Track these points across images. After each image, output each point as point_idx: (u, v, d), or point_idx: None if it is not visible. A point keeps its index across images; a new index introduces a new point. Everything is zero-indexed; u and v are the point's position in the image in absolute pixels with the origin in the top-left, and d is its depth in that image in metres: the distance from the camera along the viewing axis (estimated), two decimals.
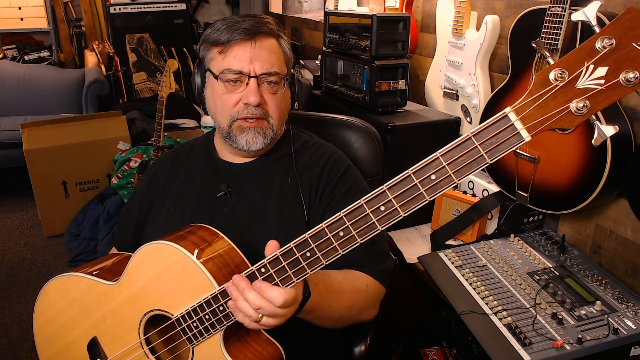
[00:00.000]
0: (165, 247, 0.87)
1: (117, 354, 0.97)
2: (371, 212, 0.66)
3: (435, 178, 0.62)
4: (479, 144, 0.58)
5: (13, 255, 2.95)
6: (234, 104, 1.04)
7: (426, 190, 0.62)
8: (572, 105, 0.53)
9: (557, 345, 1.13)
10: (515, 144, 0.57)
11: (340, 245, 0.70)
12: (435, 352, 1.62)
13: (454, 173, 0.60)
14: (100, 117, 3.29)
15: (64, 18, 4.59)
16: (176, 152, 1.25)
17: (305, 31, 3.82)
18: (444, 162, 0.61)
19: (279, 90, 1.06)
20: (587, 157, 1.34)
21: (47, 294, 1.04)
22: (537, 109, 0.54)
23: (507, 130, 0.57)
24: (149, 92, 4.13)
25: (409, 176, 0.63)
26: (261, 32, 1.04)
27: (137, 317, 0.93)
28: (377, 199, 0.66)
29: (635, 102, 1.36)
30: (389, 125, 1.73)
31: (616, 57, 0.50)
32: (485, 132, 0.58)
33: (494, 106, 1.59)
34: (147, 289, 0.91)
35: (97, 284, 0.97)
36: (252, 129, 1.05)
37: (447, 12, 1.90)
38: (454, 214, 1.73)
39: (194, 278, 0.84)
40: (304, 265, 0.74)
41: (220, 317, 0.83)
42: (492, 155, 0.58)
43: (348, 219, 0.69)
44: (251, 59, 1.02)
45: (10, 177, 3.74)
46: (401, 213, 0.64)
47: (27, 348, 2.20)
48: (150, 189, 1.20)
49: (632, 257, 1.39)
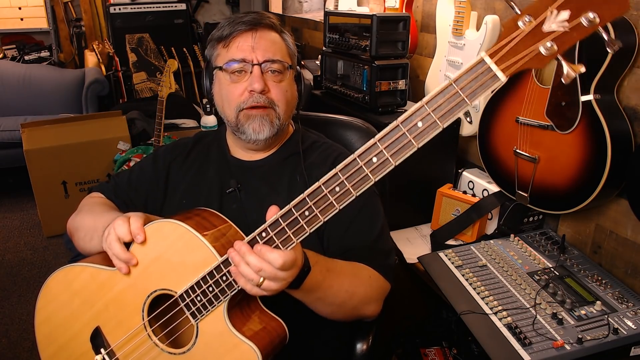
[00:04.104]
0: (168, 224, 0.88)
1: (120, 340, 0.97)
2: (364, 164, 0.70)
3: (421, 125, 0.66)
4: (460, 88, 0.63)
5: (13, 255, 2.95)
6: (240, 93, 1.06)
7: (414, 137, 0.66)
8: (540, 47, 0.59)
9: (557, 345, 1.13)
10: (493, 85, 0.62)
11: (337, 200, 0.73)
12: (435, 352, 1.62)
13: (439, 118, 0.65)
14: (100, 117, 3.29)
15: (64, 18, 4.59)
16: (187, 145, 1.23)
17: (305, 31, 3.83)
18: (429, 109, 0.65)
19: (284, 79, 1.08)
20: (587, 157, 1.34)
21: (50, 288, 1.03)
22: (510, 52, 0.60)
23: (484, 73, 0.62)
24: (149, 92, 4.13)
25: (398, 126, 0.67)
26: (262, 24, 1.07)
27: (141, 299, 0.93)
28: (369, 152, 0.69)
29: (635, 102, 1.36)
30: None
31: (577, 1, 0.57)
32: (464, 77, 0.63)
33: (494, 106, 1.59)
34: (150, 269, 0.91)
35: (99, 272, 0.97)
36: (258, 117, 1.06)
37: (447, 12, 1.90)
38: (454, 214, 1.73)
39: (197, 252, 0.85)
40: (302, 224, 0.76)
41: (224, 287, 0.84)
42: (472, 98, 0.63)
43: (343, 174, 0.71)
44: (253, 48, 1.04)
45: (10, 177, 3.73)
46: (392, 162, 0.68)
47: (27, 348, 2.20)
48: (163, 177, 1.19)
49: (632, 257, 1.39)
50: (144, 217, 0.93)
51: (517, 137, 1.51)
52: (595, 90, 1.31)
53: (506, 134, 1.56)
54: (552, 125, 1.40)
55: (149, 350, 0.95)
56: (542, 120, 1.42)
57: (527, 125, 1.47)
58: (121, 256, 0.91)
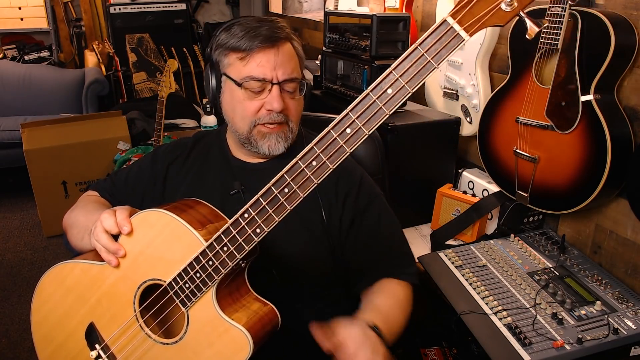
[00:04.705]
0: (153, 213, 0.89)
1: (114, 334, 0.97)
2: (338, 136, 0.70)
3: (391, 92, 0.67)
4: (425, 51, 0.64)
5: (13, 255, 2.96)
6: (256, 110, 1.05)
7: (385, 104, 0.67)
8: (502, 4, 0.60)
9: (557, 345, 1.13)
10: (457, 45, 0.63)
11: (314, 175, 0.74)
12: (435, 352, 1.62)
13: (407, 83, 0.65)
14: (100, 117, 3.29)
15: (64, 18, 4.59)
16: (187, 146, 1.23)
17: (305, 31, 3.83)
18: (397, 74, 0.66)
19: (297, 94, 1.08)
20: (587, 157, 1.34)
21: (43, 288, 1.03)
22: (471, 10, 0.61)
23: (448, 34, 0.63)
24: (149, 92, 4.14)
25: (368, 95, 0.68)
26: (280, 38, 1.04)
27: (132, 291, 0.93)
28: (342, 123, 0.70)
29: (635, 102, 1.36)
30: (389, 125, 1.73)
31: None
32: (429, 39, 0.64)
33: (494, 106, 1.59)
34: (138, 260, 0.91)
35: (90, 267, 0.97)
36: (274, 135, 1.06)
37: (447, 12, 1.90)
38: (454, 214, 1.73)
39: (182, 239, 0.86)
40: (282, 201, 0.77)
41: (210, 272, 0.84)
42: (438, 60, 0.64)
43: (318, 147, 0.72)
44: (274, 67, 1.02)
45: (10, 177, 3.73)
46: (365, 132, 0.69)
47: (27, 348, 2.20)
48: (161, 178, 1.18)
49: (632, 257, 1.39)
50: (130, 210, 0.94)
51: (517, 137, 1.51)
52: (595, 90, 1.31)
53: (506, 134, 1.56)
54: (552, 125, 1.40)
55: (142, 341, 0.95)
56: (542, 120, 1.42)
57: (527, 125, 1.47)
58: (110, 247, 0.91)
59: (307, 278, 1.09)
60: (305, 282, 1.09)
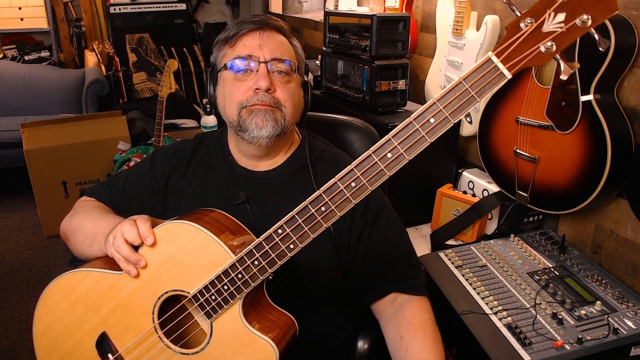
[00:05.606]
0: (179, 225, 0.88)
1: (129, 344, 0.95)
2: (379, 160, 0.73)
3: (434, 121, 0.70)
4: (469, 86, 0.68)
5: (13, 255, 2.96)
6: (244, 91, 1.01)
7: (427, 133, 0.70)
8: (541, 47, 0.65)
9: (557, 345, 1.13)
10: (499, 82, 0.67)
11: (352, 196, 0.76)
12: None
13: (450, 114, 0.69)
14: (100, 117, 3.29)
15: (64, 18, 4.59)
16: (187, 150, 1.19)
17: (305, 31, 3.83)
18: (441, 105, 0.69)
19: (291, 81, 1.04)
20: (587, 157, 1.34)
21: (49, 297, 1.00)
22: (514, 51, 0.66)
23: (492, 72, 0.67)
24: (149, 92, 4.14)
25: (411, 123, 0.71)
26: (270, 25, 1.04)
27: (151, 302, 0.92)
28: (383, 147, 0.73)
29: (635, 102, 1.36)
30: (389, 125, 1.73)
31: (572, 4, 0.63)
32: (473, 75, 0.68)
33: (495, 106, 1.59)
34: (160, 271, 0.91)
35: (105, 276, 0.95)
36: (261, 111, 1.00)
37: (447, 12, 1.90)
38: (454, 214, 1.73)
39: (209, 252, 0.86)
40: (319, 219, 0.78)
41: (239, 285, 0.85)
42: (481, 95, 0.68)
43: (358, 170, 0.74)
44: (260, 45, 1.01)
45: (10, 177, 3.74)
46: (407, 157, 0.72)
47: (27, 348, 2.20)
48: (162, 186, 1.15)
49: (632, 257, 1.39)
50: (151, 220, 0.92)
51: (517, 137, 1.51)
52: (595, 90, 1.31)
53: (506, 134, 1.56)
54: (552, 125, 1.40)
55: (159, 352, 0.94)
56: (542, 120, 1.42)
57: (527, 125, 1.47)
58: (131, 258, 0.90)
59: (314, 289, 1.07)
60: (313, 294, 1.07)
